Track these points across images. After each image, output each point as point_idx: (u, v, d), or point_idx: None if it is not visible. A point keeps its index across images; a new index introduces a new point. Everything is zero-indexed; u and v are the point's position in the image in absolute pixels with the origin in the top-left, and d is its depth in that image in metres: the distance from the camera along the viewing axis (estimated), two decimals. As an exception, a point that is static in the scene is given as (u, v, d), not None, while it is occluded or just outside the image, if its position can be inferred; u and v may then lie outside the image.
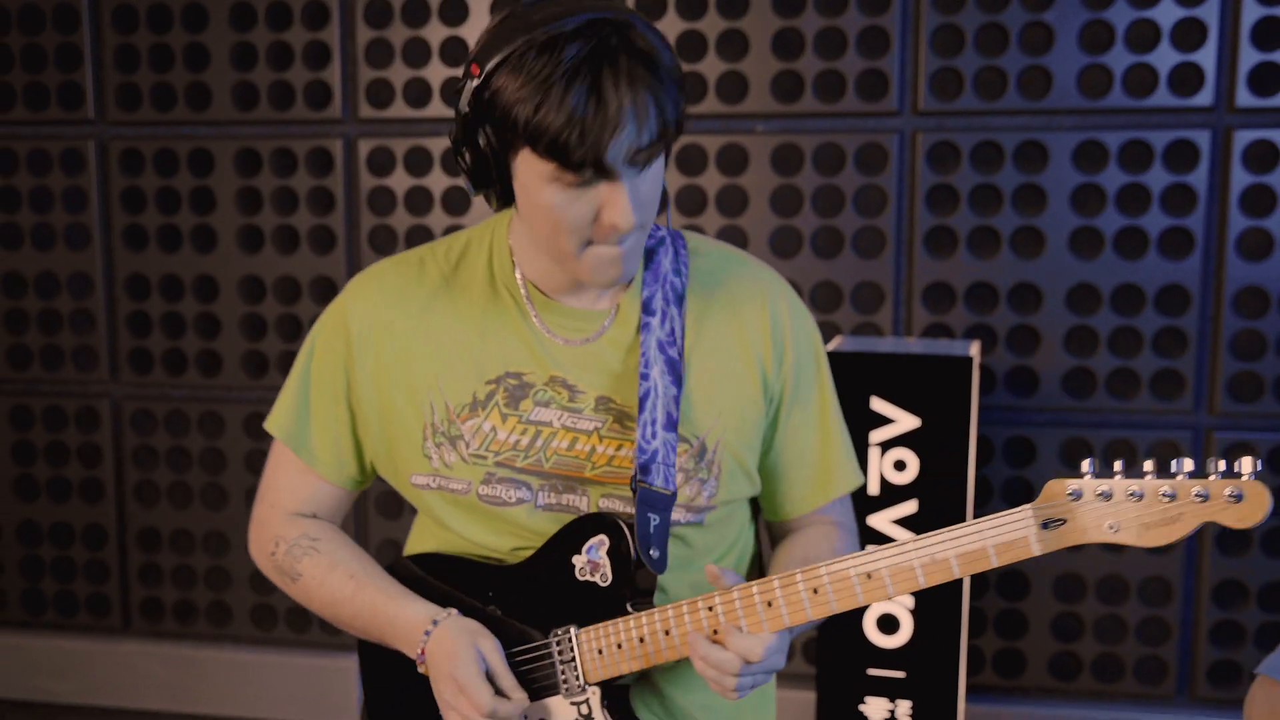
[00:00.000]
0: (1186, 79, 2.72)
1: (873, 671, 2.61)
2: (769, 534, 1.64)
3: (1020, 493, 2.87)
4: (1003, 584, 2.90)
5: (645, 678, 1.50)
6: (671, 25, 2.90)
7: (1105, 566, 2.85)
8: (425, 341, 1.49)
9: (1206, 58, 2.70)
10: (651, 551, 1.42)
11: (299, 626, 3.24)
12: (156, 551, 3.30)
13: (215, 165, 3.14)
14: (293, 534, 1.58)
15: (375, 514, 3.16)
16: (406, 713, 1.56)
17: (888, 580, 1.32)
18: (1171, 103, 2.73)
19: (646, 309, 1.47)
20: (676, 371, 1.46)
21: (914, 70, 2.82)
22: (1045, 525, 1.26)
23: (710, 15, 2.88)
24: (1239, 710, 2.83)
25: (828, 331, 2.91)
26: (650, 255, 1.50)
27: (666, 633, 1.40)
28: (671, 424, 1.44)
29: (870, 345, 2.69)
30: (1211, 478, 1.19)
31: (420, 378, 1.49)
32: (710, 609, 1.38)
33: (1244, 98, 2.70)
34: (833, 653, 2.64)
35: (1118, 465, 1.22)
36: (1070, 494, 1.24)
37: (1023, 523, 1.27)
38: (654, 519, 1.43)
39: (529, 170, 1.32)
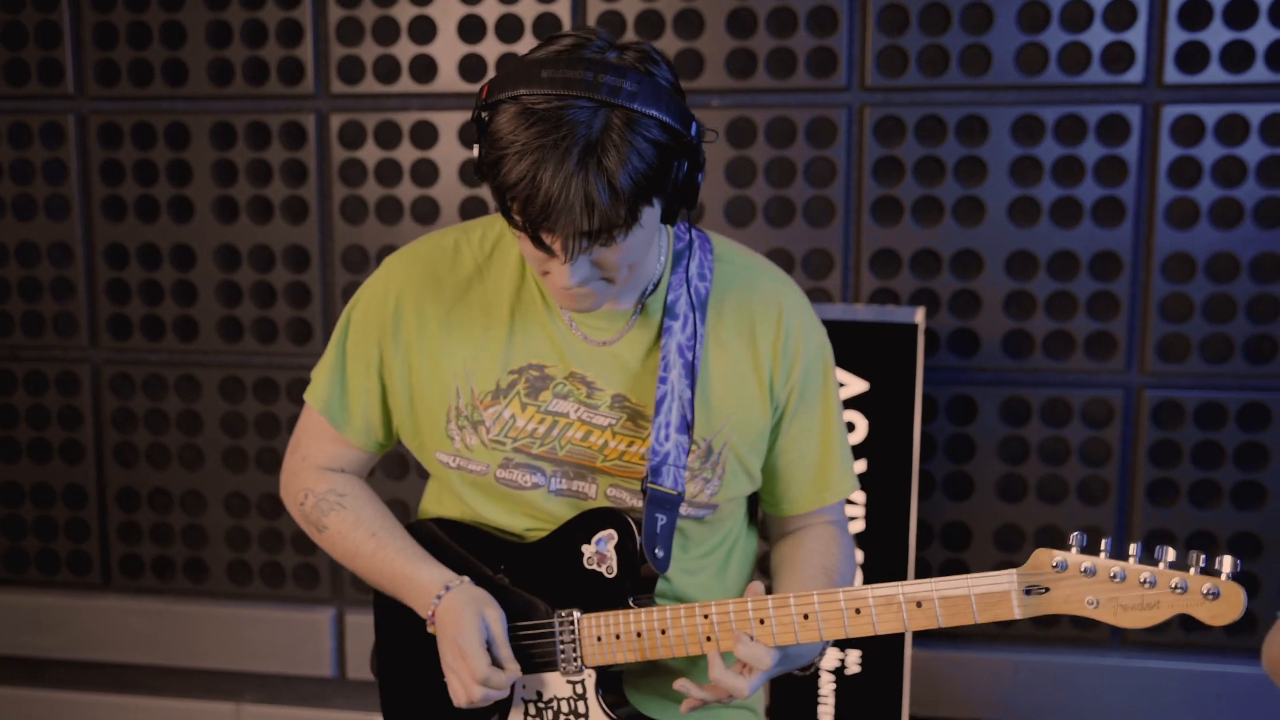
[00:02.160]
0: (1118, 57, 2.76)
1: (822, 617, 2.63)
2: (768, 523, 1.66)
3: (962, 449, 2.91)
4: (946, 535, 2.94)
5: (652, 664, 1.52)
6: (630, 6, 2.90)
7: (1042, 518, 2.89)
8: (456, 327, 1.51)
9: (1136, 37, 2.74)
10: (657, 551, 1.45)
11: (273, 582, 3.24)
12: (135, 510, 3.28)
13: (191, 138, 3.13)
14: (321, 488, 1.61)
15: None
16: (412, 663, 1.59)
17: (874, 617, 1.35)
18: (1104, 79, 2.76)
19: (670, 313, 1.48)
20: (693, 375, 1.47)
21: (861, 48, 2.84)
22: (1028, 591, 1.28)
23: (668, -6, 2.90)
24: (1168, 653, 2.90)
25: (780, 297, 2.93)
26: (678, 259, 1.52)
27: (663, 631, 1.43)
28: (685, 426, 1.46)
29: (820, 311, 2.70)
30: (1192, 571, 1.21)
31: (449, 362, 1.51)
32: (706, 616, 1.42)
33: (1171, 75, 2.74)
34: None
35: (1103, 544, 1.24)
36: (1056, 565, 1.27)
37: (1007, 585, 1.29)
38: (661, 519, 1.46)
39: None
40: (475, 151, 1.35)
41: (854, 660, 2.62)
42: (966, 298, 2.87)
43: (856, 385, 2.54)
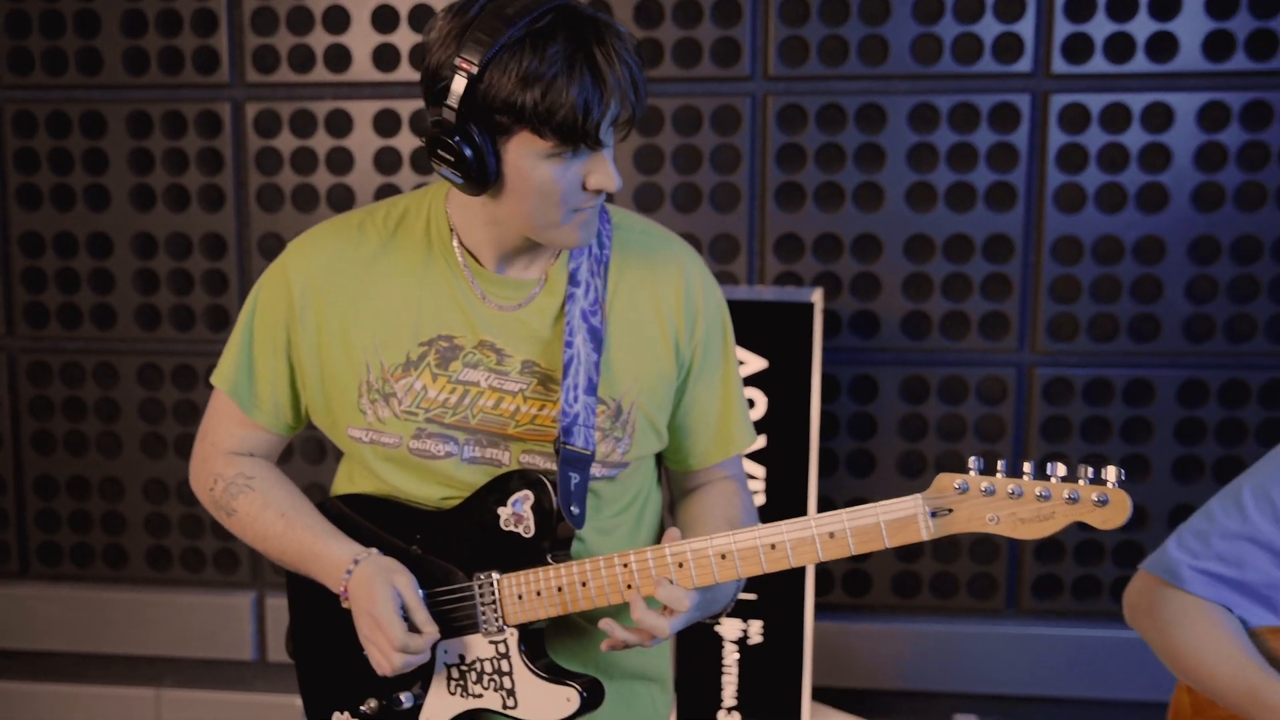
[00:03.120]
0: (1008, 48, 2.84)
1: (727, 590, 2.69)
2: (670, 482, 1.71)
3: (864, 427, 2.98)
4: (849, 511, 3.01)
5: (564, 618, 1.55)
6: (540, -5, 2.94)
7: (940, 493, 2.97)
8: (363, 303, 1.52)
9: (1026, 28, 2.83)
10: (572, 508, 1.48)
11: (193, 567, 3.24)
12: (54, 498, 3.27)
13: (107, 127, 3.12)
14: (230, 472, 1.62)
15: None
16: (329, 641, 1.61)
17: (789, 551, 1.39)
18: (995, 69, 2.85)
19: (573, 280, 1.51)
20: (598, 339, 1.50)
21: (764, 38, 2.90)
22: (934, 514, 1.33)
23: (576, -15, 2.93)
24: (1061, 619, 2.99)
25: (688, 281, 2.99)
26: None
27: (584, 584, 1.47)
28: (592, 388, 1.49)
29: (724, 293, 2.77)
30: (1081, 483, 1.28)
31: (357, 338, 1.52)
32: (625, 565, 1.45)
33: (1059, 65, 2.83)
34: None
35: (999, 465, 1.29)
36: (958, 487, 1.32)
37: (914, 509, 1.34)
38: (574, 477, 1.49)
39: (525, 152, 1.37)
40: (453, 149, 1.37)
41: (756, 630, 2.68)
42: (867, 280, 2.95)
43: (756, 363, 2.60)
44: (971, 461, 1.32)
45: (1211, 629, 1.59)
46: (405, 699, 1.55)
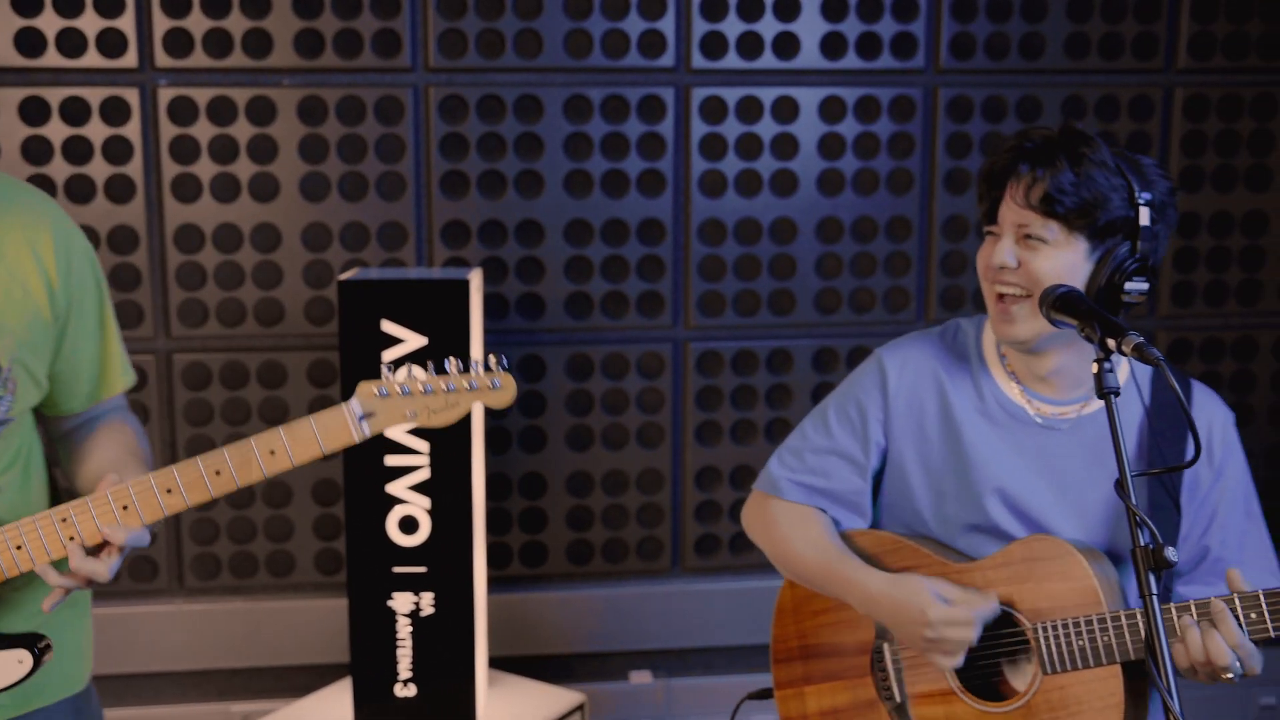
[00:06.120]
0: (653, 44, 3.02)
1: (397, 569, 2.73)
2: (48, 426, 1.69)
3: (534, 405, 3.09)
4: (523, 485, 3.11)
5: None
6: (195, -17, 2.89)
7: (608, 463, 3.12)
8: None
9: (667, 26, 3.01)
10: None
11: None
12: None
13: None
14: None
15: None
16: None
17: (234, 472, 1.48)
18: (642, 64, 3.02)
19: None
20: None
21: (424, 31, 2.96)
22: (361, 418, 1.48)
23: (231, -26, 2.90)
24: (721, 574, 3.20)
25: (356, 268, 3.01)
26: None
27: (19, 547, 1.46)
28: None
29: (389, 275, 2.81)
30: (481, 372, 1.49)
31: None
32: (65, 520, 1.46)
33: (698, 60, 3.02)
34: (360, 555, 2.73)
35: (417, 370, 1.47)
36: (379, 392, 1.49)
37: (345, 416, 1.48)
38: None
39: None
40: None
41: (428, 603, 2.73)
42: (530, 264, 3.05)
43: (415, 340, 2.64)
44: (384, 369, 1.50)
45: (803, 522, 1.81)
46: None
